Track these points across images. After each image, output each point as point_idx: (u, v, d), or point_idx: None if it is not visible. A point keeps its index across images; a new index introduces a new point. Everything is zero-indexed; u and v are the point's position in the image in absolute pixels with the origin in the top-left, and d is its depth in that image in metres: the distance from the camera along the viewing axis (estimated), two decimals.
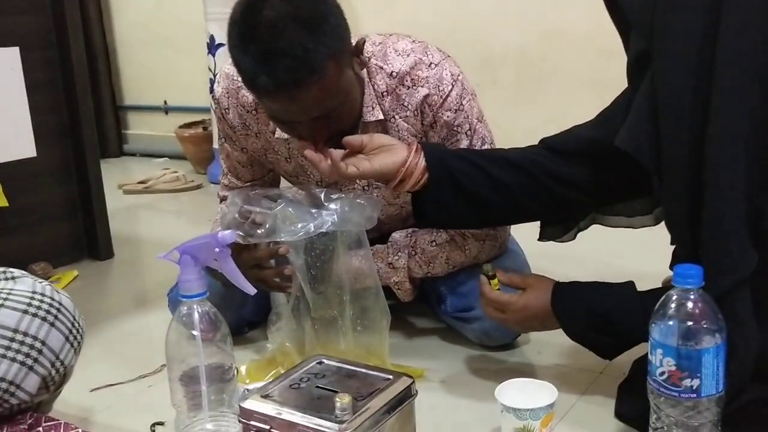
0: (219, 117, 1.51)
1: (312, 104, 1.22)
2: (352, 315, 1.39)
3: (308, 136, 1.27)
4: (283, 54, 1.16)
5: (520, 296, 1.24)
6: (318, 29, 1.18)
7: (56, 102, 2.17)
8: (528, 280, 1.27)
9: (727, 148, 0.96)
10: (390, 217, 1.55)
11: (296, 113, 1.24)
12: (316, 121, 1.25)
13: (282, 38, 1.16)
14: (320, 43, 1.17)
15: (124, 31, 4.12)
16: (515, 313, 1.25)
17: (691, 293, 0.91)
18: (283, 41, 1.16)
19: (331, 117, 1.25)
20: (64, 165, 2.22)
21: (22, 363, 1.10)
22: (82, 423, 1.25)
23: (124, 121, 4.25)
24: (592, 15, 2.17)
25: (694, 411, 0.92)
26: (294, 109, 1.23)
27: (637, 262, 1.73)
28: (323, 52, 1.18)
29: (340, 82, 1.23)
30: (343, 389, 0.99)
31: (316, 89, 1.19)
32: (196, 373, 1.04)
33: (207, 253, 1.06)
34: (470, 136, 1.40)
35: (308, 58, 1.17)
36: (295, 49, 1.16)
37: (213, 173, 3.31)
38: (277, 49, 1.16)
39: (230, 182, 1.60)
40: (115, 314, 1.85)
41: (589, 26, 2.64)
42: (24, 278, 1.18)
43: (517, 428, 1.07)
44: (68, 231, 2.25)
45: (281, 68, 1.16)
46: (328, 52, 1.18)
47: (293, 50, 1.16)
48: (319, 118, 1.24)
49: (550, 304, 1.21)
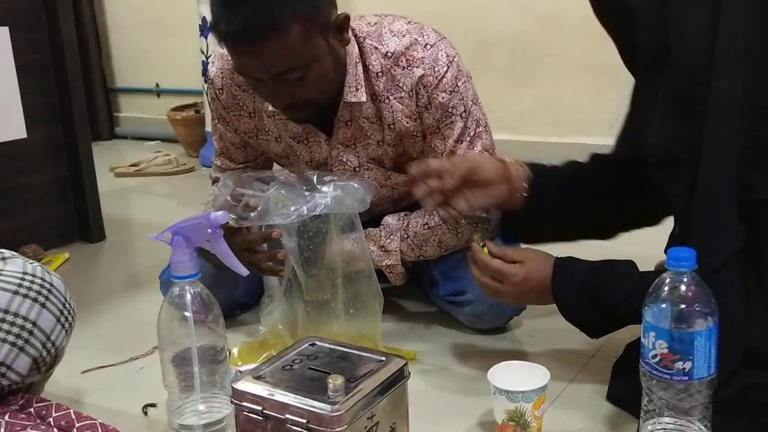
0: (213, 97, 1.50)
1: (270, 60, 1.25)
2: (344, 298, 1.39)
3: (271, 96, 1.32)
4: (246, 4, 1.20)
5: (519, 267, 1.22)
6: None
7: (46, 83, 2.16)
8: (525, 254, 1.25)
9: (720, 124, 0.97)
10: (382, 199, 1.55)
11: (255, 67, 1.27)
12: (277, 81, 1.27)
13: None
14: (287, 3, 1.21)
15: (116, 13, 4.09)
16: (514, 285, 1.22)
17: (684, 276, 0.91)
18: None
19: (294, 81, 1.27)
20: (55, 147, 2.20)
21: (12, 344, 1.09)
22: (74, 404, 1.25)
23: (115, 104, 4.22)
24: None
25: (685, 394, 0.92)
26: (253, 62, 1.27)
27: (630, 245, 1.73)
28: (288, 11, 1.21)
29: (305, 47, 1.25)
30: (336, 371, 0.99)
31: (274, 46, 1.22)
32: (188, 355, 1.04)
33: (199, 234, 1.05)
34: (465, 118, 1.40)
35: (270, 12, 1.20)
36: (259, 3, 1.19)
37: (205, 156, 3.30)
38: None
39: (223, 163, 1.59)
40: (106, 296, 1.84)
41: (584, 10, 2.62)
42: (14, 259, 1.17)
43: (509, 410, 1.07)
44: (59, 213, 2.24)
45: (241, 18, 1.20)
46: (293, 12, 1.21)
47: (257, 3, 1.20)
48: (281, 78, 1.27)
49: (550, 278, 1.20)
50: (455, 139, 1.40)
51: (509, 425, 1.08)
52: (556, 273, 1.20)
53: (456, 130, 1.40)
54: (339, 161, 1.48)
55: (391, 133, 1.43)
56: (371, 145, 1.46)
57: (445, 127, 1.40)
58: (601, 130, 2.78)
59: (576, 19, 2.67)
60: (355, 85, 1.38)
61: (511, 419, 1.07)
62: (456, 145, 1.40)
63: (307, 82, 1.29)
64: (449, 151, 1.41)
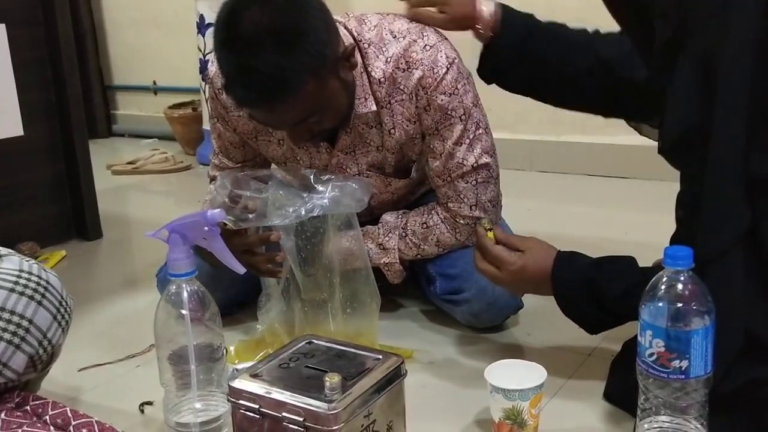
0: (212, 96, 1.50)
1: (289, 116, 1.27)
2: (341, 297, 1.39)
3: (290, 137, 1.35)
4: (257, 71, 1.19)
5: (519, 256, 1.22)
6: (296, 47, 1.20)
7: (43, 80, 2.15)
8: (528, 243, 1.25)
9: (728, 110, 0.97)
10: (382, 203, 1.55)
11: (274, 122, 1.31)
12: (296, 126, 1.29)
13: (257, 55, 1.18)
14: (296, 62, 1.20)
15: (113, 10, 4.08)
16: (512, 273, 1.22)
17: (681, 275, 0.91)
18: (258, 59, 1.18)
19: (312, 122, 1.29)
20: (52, 144, 2.20)
21: (9, 341, 1.09)
22: (70, 402, 1.25)
23: (112, 101, 4.22)
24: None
25: (682, 392, 0.93)
26: (271, 119, 1.30)
27: (627, 245, 1.73)
28: (299, 70, 1.20)
29: (319, 94, 1.26)
30: (333, 369, 0.99)
31: (292, 105, 1.23)
32: (184, 353, 1.04)
33: (196, 232, 1.05)
34: (464, 120, 1.39)
35: (282, 77, 1.19)
36: (269, 68, 1.18)
37: (202, 154, 3.29)
38: (253, 65, 1.19)
39: (221, 162, 1.59)
40: (103, 294, 1.84)
41: (581, 7, 2.62)
42: (11, 256, 1.17)
43: (505, 409, 1.07)
44: (56, 211, 2.24)
45: (255, 84, 1.20)
46: (304, 70, 1.21)
47: (267, 69, 1.18)
48: (299, 124, 1.29)
49: (551, 270, 1.20)
50: (454, 141, 1.40)
51: (506, 423, 1.08)
52: (556, 266, 1.20)
53: (455, 133, 1.39)
54: (339, 169, 1.48)
55: (391, 138, 1.42)
56: (371, 152, 1.45)
57: (444, 129, 1.39)
58: (598, 129, 2.78)
59: (574, 18, 2.67)
60: (364, 96, 1.38)
61: (507, 417, 1.07)
62: (455, 147, 1.40)
63: (325, 118, 1.31)
64: (448, 153, 1.41)
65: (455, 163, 1.41)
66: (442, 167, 1.42)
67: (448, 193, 1.45)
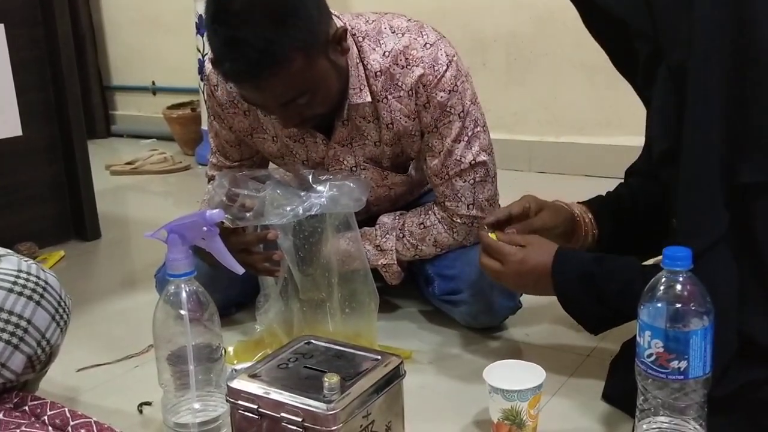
0: (208, 94, 1.50)
1: (277, 93, 1.26)
2: (340, 297, 1.39)
3: (281, 118, 1.34)
4: (245, 43, 1.19)
5: (520, 250, 1.22)
6: (285, 21, 1.20)
7: (42, 81, 2.15)
8: (530, 239, 1.25)
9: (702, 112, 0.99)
10: (379, 199, 1.55)
11: (262, 99, 1.29)
12: (285, 106, 1.29)
13: (246, 28, 1.19)
14: (285, 36, 1.20)
15: (112, 10, 4.08)
16: (512, 266, 1.22)
17: (680, 275, 0.91)
18: (247, 31, 1.19)
19: (302, 103, 1.29)
20: (51, 145, 2.20)
21: (7, 342, 1.09)
22: (69, 402, 1.25)
23: (111, 102, 4.22)
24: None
25: (680, 393, 0.92)
26: (259, 95, 1.28)
27: None
28: (287, 44, 1.20)
29: (309, 72, 1.25)
30: (332, 369, 0.99)
31: (279, 80, 1.23)
32: (183, 353, 1.04)
33: (195, 232, 1.05)
34: (463, 117, 1.39)
35: (270, 50, 1.19)
36: (258, 41, 1.18)
37: (201, 154, 3.29)
38: (241, 38, 1.19)
39: (218, 161, 1.59)
40: (101, 294, 1.84)
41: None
42: (9, 257, 1.17)
43: (504, 409, 1.07)
44: (55, 211, 2.24)
45: (242, 57, 1.20)
46: (293, 44, 1.21)
47: (255, 41, 1.19)
48: (289, 104, 1.28)
49: (550, 265, 1.20)
50: (453, 138, 1.40)
51: (505, 424, 1.08)
52: (556, 260, 1.20)
53: (454, 130, 1.40)
54: (336, 161, 1.48)
55: (389, 132, 1.43)
56: (368, 144, 1.46)
57: (443, 126, 1.39)
58: (596, 129, 2.79)
59: (572, 19, 2.67)
60: (359, 86, 1.38)
61: (506, 418, 1.07)
62: (453, 145, 1.40)
63: (316, 101, 1.30)
64: (446, 151, 1.41)
65: (453, 161, 1.41)
66: (441, 165, 1.42)
67: (445, 192, 1.45)
